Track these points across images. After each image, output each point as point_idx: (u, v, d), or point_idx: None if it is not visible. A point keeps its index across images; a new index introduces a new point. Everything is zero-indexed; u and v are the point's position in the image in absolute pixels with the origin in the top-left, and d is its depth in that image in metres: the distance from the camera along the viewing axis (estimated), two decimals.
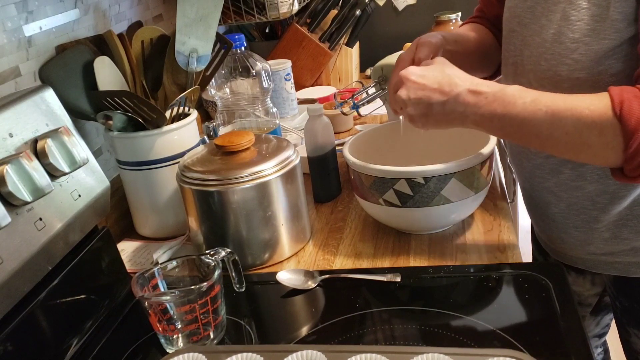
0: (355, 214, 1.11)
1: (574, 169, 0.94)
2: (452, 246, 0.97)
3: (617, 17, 0.80)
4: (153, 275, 0.80)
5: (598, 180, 0.92)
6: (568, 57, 0.84)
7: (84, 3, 1.14)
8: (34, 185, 0.74)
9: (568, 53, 0.85)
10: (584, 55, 0.83)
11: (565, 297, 0.79)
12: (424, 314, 0.81)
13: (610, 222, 0.95)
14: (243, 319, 0.86)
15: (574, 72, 0.84)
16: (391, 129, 1.13)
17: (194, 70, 1.12)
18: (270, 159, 0.94)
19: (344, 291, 0.88)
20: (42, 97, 0.84)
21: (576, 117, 0.76)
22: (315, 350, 0.66)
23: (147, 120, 1.03)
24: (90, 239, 0.89)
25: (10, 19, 0.95)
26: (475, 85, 0.81)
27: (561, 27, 0.85)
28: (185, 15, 1.09)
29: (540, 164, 0.98)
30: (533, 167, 1.00)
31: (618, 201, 0.92)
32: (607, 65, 0.82)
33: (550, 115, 0.77)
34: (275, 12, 1.48)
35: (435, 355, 0.63)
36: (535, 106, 0.78)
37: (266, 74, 1.32)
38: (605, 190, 0.92)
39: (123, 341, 0.84)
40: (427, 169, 0.91)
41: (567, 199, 0.97)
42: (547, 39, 0.87)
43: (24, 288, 0.75)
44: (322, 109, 1.12)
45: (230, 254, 0.83)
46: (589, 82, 0.84)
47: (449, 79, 0.82)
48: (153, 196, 1.09)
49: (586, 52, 0.83)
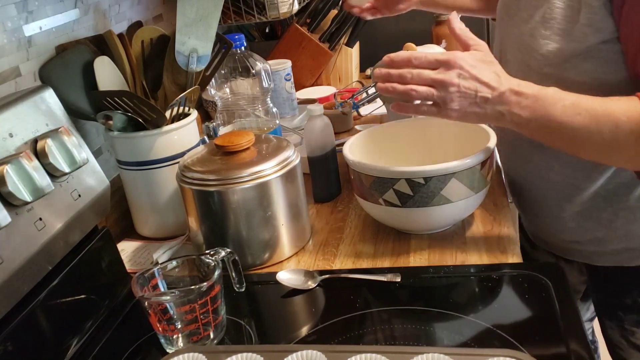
0: (355, 214, 1.11)
1: (542, 159, 0.98)
2: (452, 246, 0.97)
3: (585, 22, 0.84)
4: (153, 275, 0.80)
5: (562, 171, 0.97)
6: (538, 53, 0.88)
7: (84, 3, 1.14)
8: (34, 185, 0.74)
9: (538, 48, 0.88)
10: (552, 52, 0.87)
11: (565, 297, 0.79)
12: (424, 314, 0.81)
13: (575, 212, 0.99)
14: (243, 319, 0.86)
15: (542, 67, 0.87)
16: (391, 129, 1.13)
17: (194, 70, 1.12)
18: (270, 159, 0.94)
19: (344, 291, 0.88)
20: (42, 97, 0.84)
21: (614, 123, 0.78)
22: (315, 350, 0.66)
23: (147, 120, 1.03)
24: (90, 239, 0.89)
25: (10, 19, 0.95)
26: (517, 85, 0.81)
27: (537, 23, 0.89)
28: (185, 15, 1.09)
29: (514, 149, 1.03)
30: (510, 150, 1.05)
31: (580, 192, 0.97)
32: (574, 64, 0.86)
33: (588, 120, 0.78)
34: (275, 12, 1.48)
35: (435, 355, 0.63)
36: (574, 110, 0.79)
37: (266, 74, 1.32)
38: (570, 182, 0.97)
39: (123, 341, 0.84)
40: (427, 169, 0.91)
41: (539, 188, 1.03)
42: (525, 32, 0.90)
43: (24, 288, 0.75)
44: (322, 109, 1.12)
45: (230, 254, 0.83)
46: (555, 77, 0.86)
47: (495, 75, 0.81)
48: (153, 196, 1.09)
49: (554, 50, 0.87)
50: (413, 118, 1.16)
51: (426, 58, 0.82)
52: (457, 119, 0.83)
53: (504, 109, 0.81)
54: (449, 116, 0.83)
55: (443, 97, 0.81)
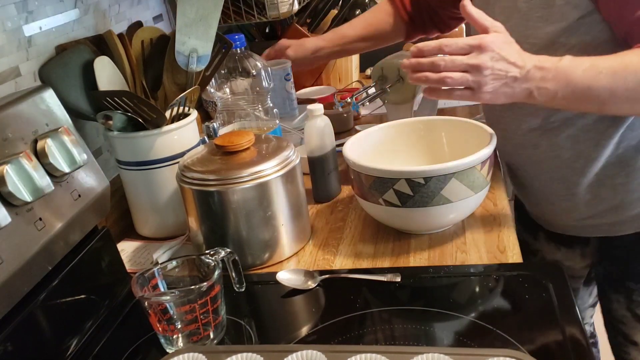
0: (355, 214, 1.11)
1: (549, 139, 1.01)
2: (452, 246, 0.97)
3: (561, 2, 0.89)
4: (153, 275, 0.80)
5: (572, 147, 1.00)
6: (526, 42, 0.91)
7: (84, 3, 1.14)
8: (34, 185, 0.74)
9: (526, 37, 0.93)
10: (539, 37, 0.93)
11: (565, 297, 0.79)
12: (424, 314, 0.81)
13: (589, 184, 1.02)
14: (243, 319, 0.86)
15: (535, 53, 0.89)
16: (391, 129, 1.13)
17: (194, 70, 1.12)
18: (270, 159, 0.94)
19: (344, 291, 0.88)
20: (42, 97, 0.84)
21: (634, 72, 0.82)
22: (315, 350, 0.66)
23: (147, 120, 1.03)
24: (90, 239, 0.89)
25: (10, 19, 0.95)
26: (539, 61, 0.84)
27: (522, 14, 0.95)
28: (185, 15, 1.09)
29: (521, 143, 1.05)
30: (514, 147, 1.08)
31: (592, 163, 1.00)
32: (562, 42, 0.91)
33: (611, 77, 0.82)
34: (275, 12, 1.48)
35: (435, 355, 0.63)
36: (595, 71, 0.83)
37: (266, 74, 1.32)
38: (580, 154, 1.00)
39: (123, 341, 0.84)
40: (427, 169, 0.91)
41: (548, 170, 1.05)
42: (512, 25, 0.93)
43: (24, 288, 0.75)
44: (322, 109, 1.12)
45: (230, 254, 0.83)
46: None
47: (519, 54, 0.84)
48: (153, 196, 1.09)
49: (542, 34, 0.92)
50: (413, 118, 1.16)
51: (457, 44, 0.84)
52: (489, 100, 0.86)
53: (532, 85, 0.84)
54: (481, 98, 0.85)
55: (478, 81, 0.83)
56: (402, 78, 1.27)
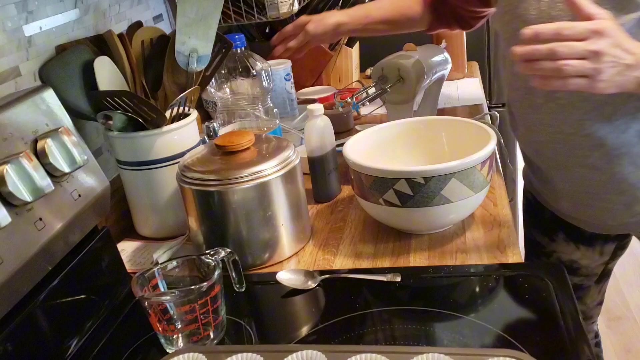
0: (355, 214, 1.11)
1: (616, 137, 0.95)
2: (452, 246, 0.97)
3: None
4: (153, 275, 0.80)
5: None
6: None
7: (84, 3, 1.14)
8: (34, 185, 0.74)
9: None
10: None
11: (565, 297, 0.79)
12: (424, 314, 0.81)
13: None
14: (243, 319, 0.85)
15: None
16: (391, 129, 1.13)
17: (194, 70, 1.12)
18: (270, 159, 0.94)
19: (344, 291, 0.88)
20: (42, 97, 0.84)
21: None
22: (315, 350, 0.66)
23: (147, 120, 1.03)
24: (90, 239, 0.89)
25: (10, 19, 0.95)
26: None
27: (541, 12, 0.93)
28: (185, 15, 1.09)
29: (579, 143, 0.99)
30: (570, 149, 1.01)
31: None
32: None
33: None
34: (275, 12, 1.48)
35: (435, 355, 0.63)
36: None
37: (266, 74, 1.32)
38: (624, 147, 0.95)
39: (123, 341, 0.84)
40: (427, 169, 0.91)
41: (610, 169, 0.99)
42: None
43: (24, 288, 0.75)
44: (322, 109, 1.12)
45: (230, 254, 0.83)
46: None
47: (631, 41, 0.80)
48: (153, 196, 1.09)
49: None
50: (413, 118, 1.16)
51: (576, 28, 0.77)
52: (603, 90, 0.80)
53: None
54: (596, 88, 0.79)
55: (597, 68, 0.77)
56: (402, 78, 1.27)
